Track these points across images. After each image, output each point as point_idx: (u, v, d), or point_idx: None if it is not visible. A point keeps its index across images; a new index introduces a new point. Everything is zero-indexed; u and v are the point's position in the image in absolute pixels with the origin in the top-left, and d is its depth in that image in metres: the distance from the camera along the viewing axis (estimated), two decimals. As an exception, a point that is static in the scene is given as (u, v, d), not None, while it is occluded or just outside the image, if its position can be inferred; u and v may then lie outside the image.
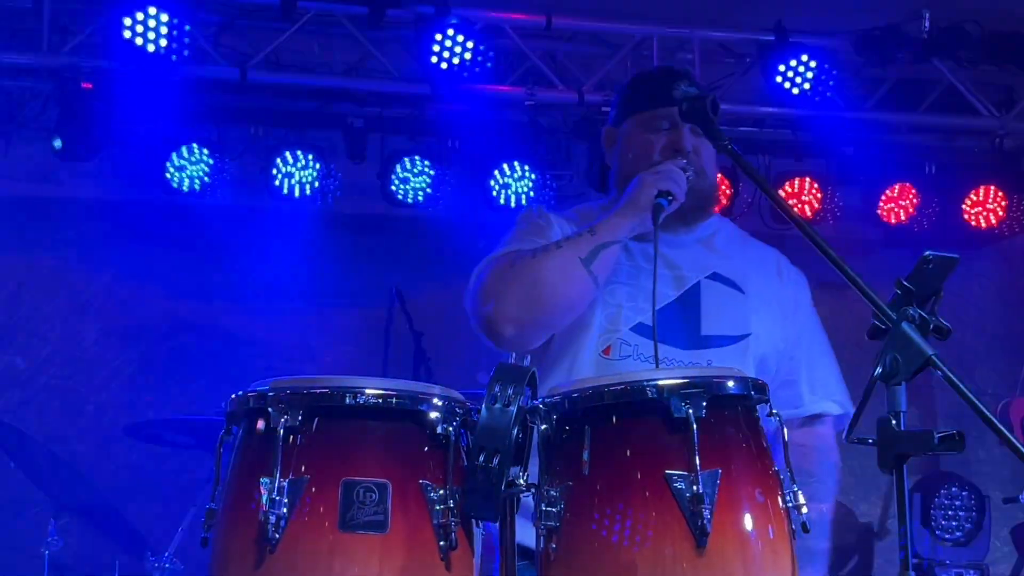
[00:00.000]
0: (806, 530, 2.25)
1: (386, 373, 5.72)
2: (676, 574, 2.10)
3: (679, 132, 2.92)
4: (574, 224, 2.97)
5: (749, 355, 2.91)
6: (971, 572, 6.23)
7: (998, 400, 6.67)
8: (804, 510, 2.25)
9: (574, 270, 2.74)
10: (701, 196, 2.94)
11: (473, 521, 2.26)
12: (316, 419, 2.23)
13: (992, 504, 6.42)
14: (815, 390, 3.04)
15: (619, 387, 2.23)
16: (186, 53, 5.54)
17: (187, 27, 5.52)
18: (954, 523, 6.34)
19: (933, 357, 2.22)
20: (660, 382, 2.21)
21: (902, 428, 2.20)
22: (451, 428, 2.24)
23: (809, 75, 6.23)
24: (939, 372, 2.23)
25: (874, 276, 2.45)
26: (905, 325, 2.25)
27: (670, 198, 2.79)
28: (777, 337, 2.99)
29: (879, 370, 2.21)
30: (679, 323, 2.84)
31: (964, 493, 6.39)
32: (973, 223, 6.71)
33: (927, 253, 2.33)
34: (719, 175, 6.06)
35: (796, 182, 6.57)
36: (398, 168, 6.07)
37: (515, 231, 2.98)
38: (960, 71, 6.52)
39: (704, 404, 2.17)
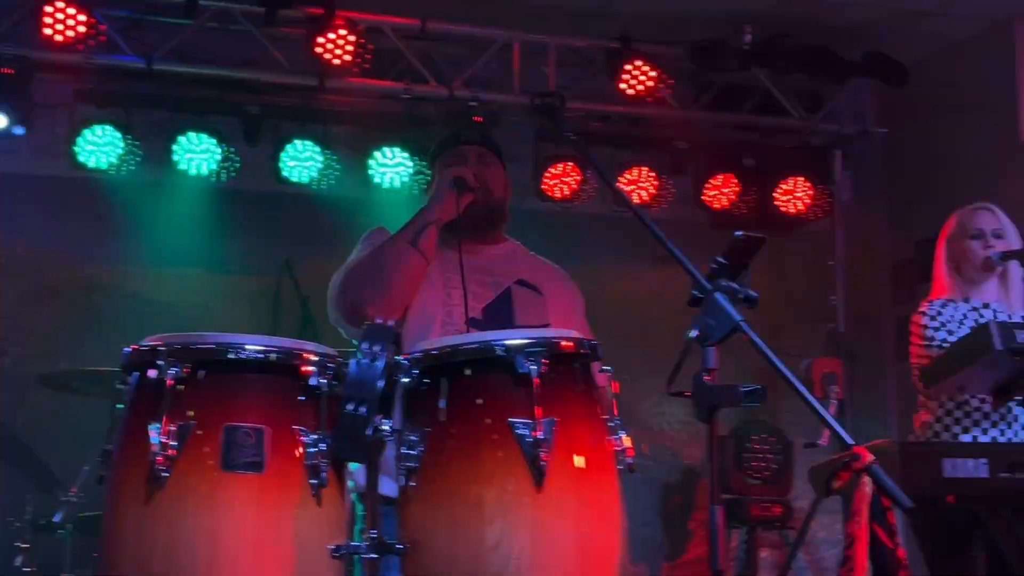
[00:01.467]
0: (631, 470, 2.28)
1: (275, 334, 5.64)
2: (517, 508, 2.11)
3: (468, 160, 3.34)
4: None
5: None
6: (776, 505, 6.37)
7: (802, 359, 6.83)
8: (630, 453, 2.27)
9: (406, 251, 3.07)
10: (490, 209, 3.32)
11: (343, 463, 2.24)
12: (202, 371, 2.19)
13: (795, 448, 6.56)
14: None
15: (473, 345, 2.23)
16: (97, 43, 5.45)
17: (99, 23, 5.44)
18: (763, 464, 6.47)
19: (741, 323, 2.25)
20: (508, 342, 2.21)
21: (714, 383, 2.23)
22: (323, 380, 2.22)
23: (649, 78, 6.28)
24: (746, 337, 2.26)
25: (702, 254, 2.49)
26: (718, 295, 2.28)
27: (463, 181, 3.18)
28: (568, 327, 3.17)
29: (694, 333, 2.24)
30: (500, 316, 3.11)
31: (772, 439, 6.52)
32: (784, 209, 6.83)
33: (737, 233, 2.37)
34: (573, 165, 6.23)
35: (636, 171, 6.60)
36: (288, 150, 5.99)
37: (358, 247, 3.29)
38: (776, 78, 6.62)
39: (545, 361, 2.17)
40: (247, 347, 2.20)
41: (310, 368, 2.21)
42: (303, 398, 2.21)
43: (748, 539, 6.39)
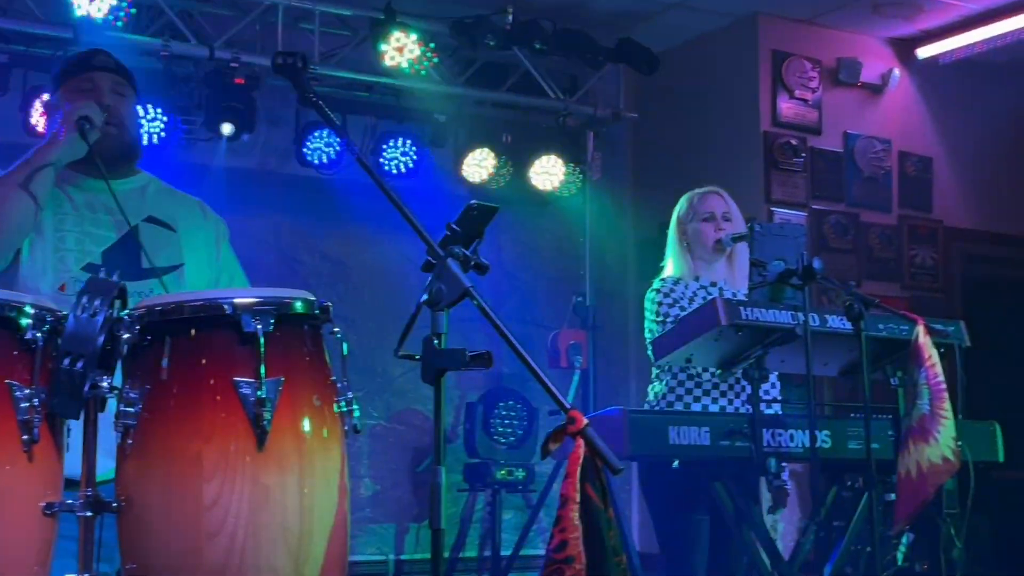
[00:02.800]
0: (356, 431, 2.24)
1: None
2: (237, 468, 2.04)
3: (101, 91, 2.95)
4: None
5: (184, 281, 2.94)
6: (519, 469, 6.47)
7: (550, 331, 6.95)
8: (355, 414, 2.23)
9: (13, 193, 2.74)
10: (124, 146, 2.97)
11: (61, 419, 2.11)
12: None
13: (540, 415, 6.68)
14: None
15: (198, 303, 2.13)
16: None
17: None
18: (508, 430, 6.56)
19: (470, 289, 2.23)
20: (236, 300, 2.12)
21: (442, 347, 2.21)
22: (40, 334, 2.08)
23: (412, 51, 6.23)
24: (475, 302, 2.25)
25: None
26: (450, 261, 2.25)
27: (89, 123, 2.80)
28: (206, 265, 3.02)
29: (425, 297, 2.21)
30: (123, 259, 2.83)
31: (519, 406, 6.61)
32: (539, 186, 6.91)
33: (472, 202, 2.35)
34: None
35: (397, 141, 6.57)
36: (38, 103, 5.66)
37: None
38: (535, 59, 6.69)
39: (272, 321, 2.10)
40: (-43, 298, 2.04)
41: (26, 321, 2.07)
42: (17, 352, 2.07)
43: (492, 501, 6.47)
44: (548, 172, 6.91)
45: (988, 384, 7.42)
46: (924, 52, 7.43)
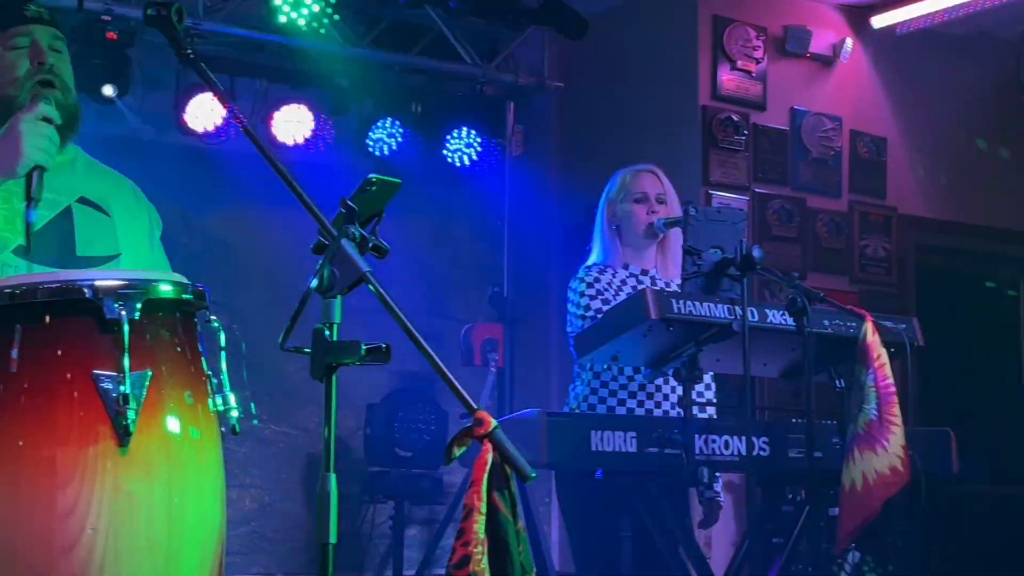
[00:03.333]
0: (235, 432, 2.21)
1: None
2: (96, 472, 2.01)
3: (39, 48, 2.83)
4: None
5: None
6: (426, 479, 6.46)
7: (463, 325, 6.95)
8: (234, 413, 2.20)
9: None
10: (68, 113, 2.84)
11: None
12: None
13: (451, 419, 6.68)
14: None
15: (54, 285, 2.09)
16: None
17: None
18: (414, 435, 6.55)
19: (367, 273, 2.21)
20: (97, 283, 2.09)
21: (334, 339, 2.20)
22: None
23: (309, 9, 6.18)
24: (372, 288, 2.24)
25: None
26: (344, 242, 2.23)
27: (39, 175, 2.62)
28: (144, 257, 2.93)
29: (315, 283, 2.19)
30: (56, 244, 2.74)
31: (426, 408, 6.61)
32: (453, 161, 6.90)
33: (371, 176, 2.34)
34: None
35: (293, 108, 6.51)
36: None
37: None
38: (450, 21, 6.66)
39: (139, 306, 2.07)
40: None
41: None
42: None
43: (396, 514, 6.46)
44: (463, 146, 6.90)
45: (943, 388, 7.60)
46: (879, 21, 7.54)
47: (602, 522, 4.16)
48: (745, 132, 7.15)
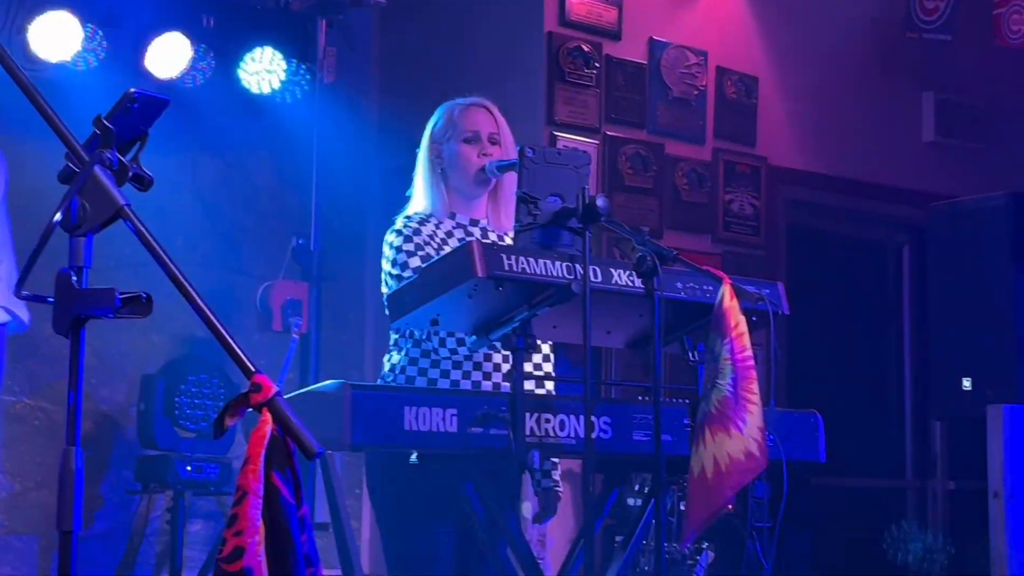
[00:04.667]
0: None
1: None
2: None
3: None
4: None
5: None
6: (212, 464, 6.38)
7: (262, 282, 6.87)
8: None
9: None
10: None
11: None
12: None
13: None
14: None
15: None
16: None
17: None
18: (200, 412, 6.46)
19: (126, 207, 2.15)
20: None
21: (84, 286, 2.14)
22: None
23: None
24: (133, 225, 2.17)
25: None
26: (98, 169, 2.17)
27: None
28: None
29: (59, 216, 2.12)
30: None
31: (213, 381, 6.52)
32: (251, 87, 6.80)
33: (131, 90, 2.27)
34: None
35: (55, 15, 6.34)
36: None
37: None
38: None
39: None
40: None
41: None
42: None
43: (174, 506, 6.37)
44: (264, 70, 6.82)
45: (810, 363, 7.80)
46: (754, -58, 7.66)
47: (418, 515, 4.16)
48: (596, 65, 7.18)
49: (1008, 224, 6.82)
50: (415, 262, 4.20)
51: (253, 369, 2.08)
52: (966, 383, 6.76)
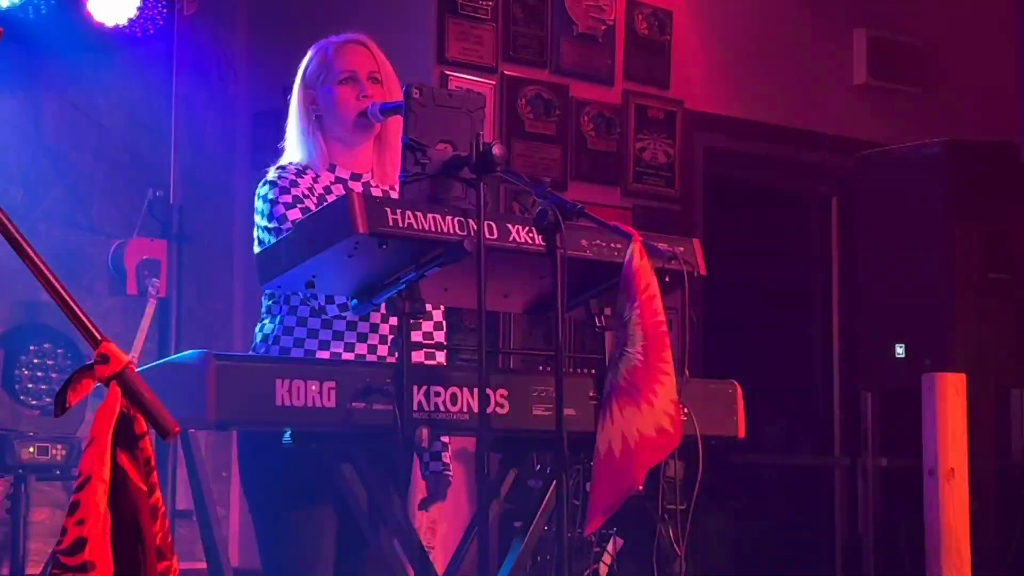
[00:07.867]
0: None
1: None
2: None
3: None
4: None
5: None
6: (58, 445, 6.32)
7: (114, 240, 6.82)
8: None
9: None
10: None
11: None
12: None
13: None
14: None
15: None
16: None
17: None
18: (44, 386, 6.40)
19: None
20: None
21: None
22: None
23: None
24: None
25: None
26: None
27: None
28: None
29: None
30: None
31: (59, 351, 6.46)
32: (100, 19, 6.71)
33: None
34: None
35: None
36: None
37: None
38: None
39: None
40: None
41: None
42: None
43: (14, 493, 6.32)
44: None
45: (729, 329, 7.86)
46: None
47: (294, 502, 4.15)
48: (493, -5, 7.18)
49: (944, 175, 6.90)
50: (295, 214, 4.16)
51: (99, 338, 2.06)
52: (899, 350, 6.86)
